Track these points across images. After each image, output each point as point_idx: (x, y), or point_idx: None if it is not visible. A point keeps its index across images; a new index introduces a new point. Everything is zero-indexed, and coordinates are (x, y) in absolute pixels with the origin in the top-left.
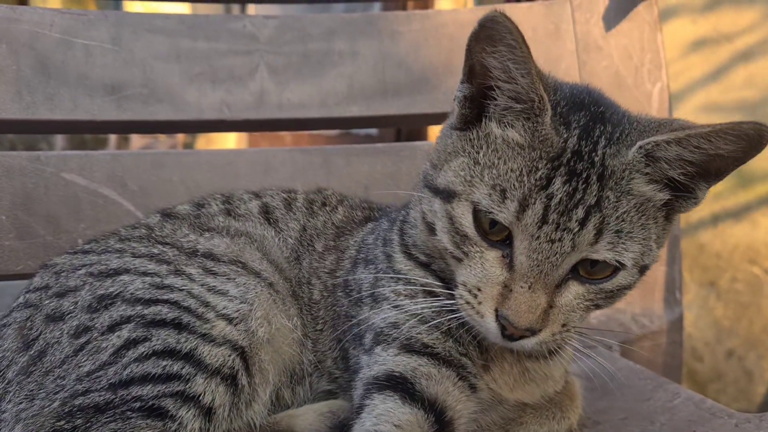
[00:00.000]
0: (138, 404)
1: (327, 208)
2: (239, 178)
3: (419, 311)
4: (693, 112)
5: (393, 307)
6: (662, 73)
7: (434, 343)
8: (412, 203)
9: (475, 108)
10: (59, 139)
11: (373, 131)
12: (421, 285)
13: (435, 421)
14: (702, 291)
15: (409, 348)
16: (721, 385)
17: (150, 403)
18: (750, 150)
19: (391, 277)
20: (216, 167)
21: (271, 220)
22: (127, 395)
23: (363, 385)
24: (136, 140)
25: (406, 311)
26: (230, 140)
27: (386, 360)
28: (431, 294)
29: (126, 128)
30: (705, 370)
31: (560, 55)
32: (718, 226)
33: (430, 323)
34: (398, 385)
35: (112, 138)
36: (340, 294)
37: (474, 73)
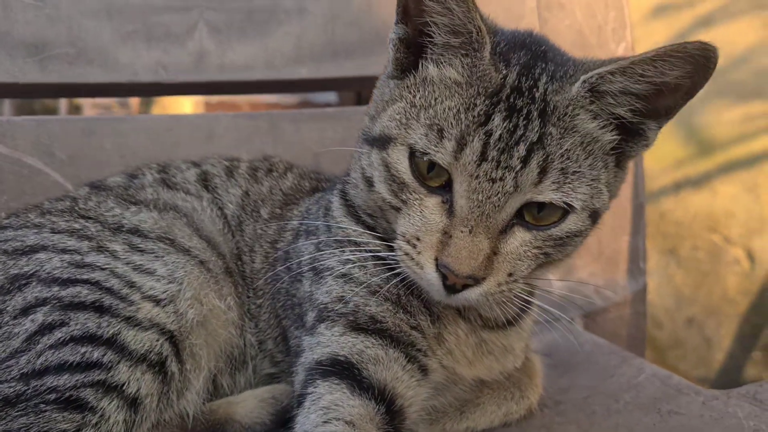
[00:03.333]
0: (53, 396)
1: (274, 174)
2: (179, 145)
3: (368, 279)
4: None
5: (337, 277)
6: (626, 33)
7: (383, 316)
8: (352, 163)
9: (411, 54)
10: (7, 105)
11: (333, 98)
12: (370, 250)
13: (386, 411)
14: (663, 259)
15: (356, 325)
16: (681, 352)
17: (67, 394)
18: (697, 75)
19: (336, 246)
20: (154, 134)
21: (210, 188)
22: (41, 386)
23: (305, 370)
24: (89, 110)
25: (354, 281)
26: (186, 107)
27: (330, 341)
28: (380, 260)
29: (51, 92)
30: (665, 337)
31: (521, 13)
32: (679, 194)
33: (379, 293)
34: (344, 371)
35: (63, 106)
36: (280, 268)
37: (408, 12)
